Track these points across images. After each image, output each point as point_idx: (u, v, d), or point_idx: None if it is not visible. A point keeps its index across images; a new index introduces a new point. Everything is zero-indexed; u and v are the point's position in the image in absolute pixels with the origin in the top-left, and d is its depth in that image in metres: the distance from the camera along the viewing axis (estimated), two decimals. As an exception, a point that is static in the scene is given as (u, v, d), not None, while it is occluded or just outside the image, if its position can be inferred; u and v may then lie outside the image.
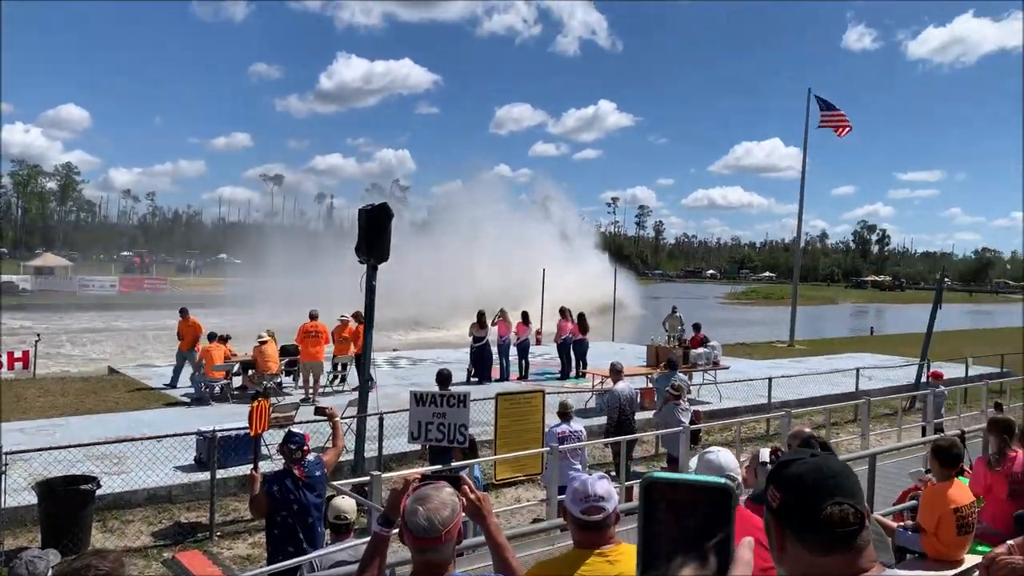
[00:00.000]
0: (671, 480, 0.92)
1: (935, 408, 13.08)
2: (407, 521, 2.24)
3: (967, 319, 51.79)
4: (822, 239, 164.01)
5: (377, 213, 9.31)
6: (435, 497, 2.26)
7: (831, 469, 1.42)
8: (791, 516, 1.41)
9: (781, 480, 1.46)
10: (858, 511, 1.37)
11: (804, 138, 31.68)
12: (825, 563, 1.37)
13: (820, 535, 1.37)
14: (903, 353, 23.61)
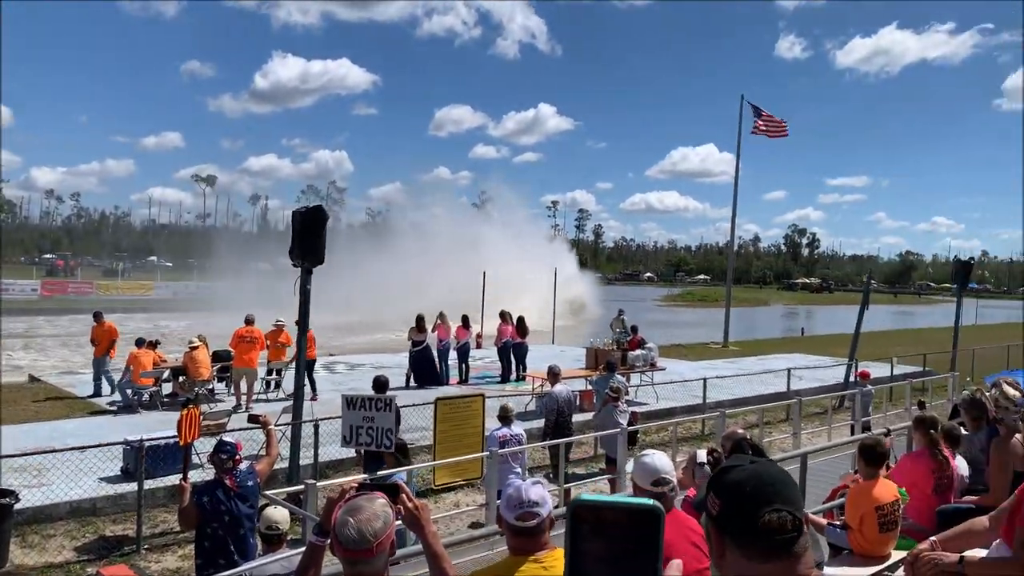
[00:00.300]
0: (598, 503, 0.91)
1: (863, 407, 13.52)
2: (337, 533, 2.18)
3: (892, 320, 53.77)
4: (755, 243, 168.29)
5: (311, 216, 9.15)
6: (367, 508, 2.20)
7: (770, 476, 1.42)
8: (730, 523, 1.40)
9: (721, 487, 1.45)
10: (796, 518, 1.38)
11: (737, 144, 32.47)
12: (764, 569, 1.37)
13: (759, 542, 1.37)
14: (833, 353, 24.34)
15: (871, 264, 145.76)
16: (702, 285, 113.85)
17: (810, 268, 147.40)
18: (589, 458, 12.43)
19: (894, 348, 25.96)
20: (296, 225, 9.37)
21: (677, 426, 12.59)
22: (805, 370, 20.01)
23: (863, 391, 13.65)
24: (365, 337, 30.76)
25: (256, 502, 5.53)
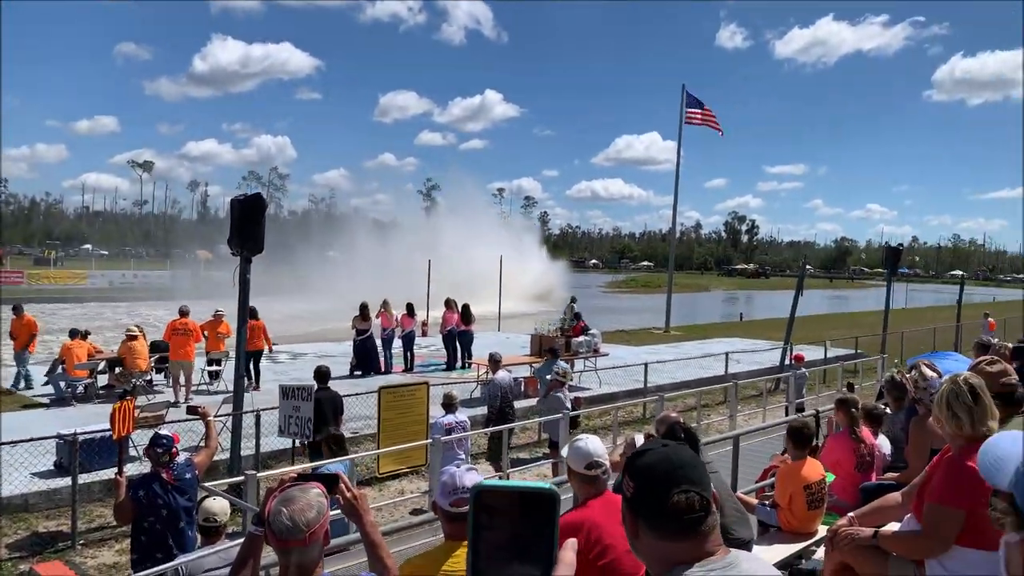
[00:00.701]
0: (498, 487, 0.96)
1: (796, 389, 13.97)
2: (271, 522, 2.20)
3: (827, 304, 55.41)
4: (696, 230, 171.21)
5: (250, 204, 9.02)
6: (300, 498, 2.22)
7: (680, 459, 1.50)
8: (643, 504, 1.48)
9: (633, 470, 1.53)
10: (704, 498, 1.46)
11: (679, 132, 32.94)
12: (674, 548, 1.46)
13: (668, 522, 1.44)
14: (769, 337, 25.00)
15: (808, 250, 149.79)
16: (645, 272, 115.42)
17: (749, 254, 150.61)
18: (533, 443, 12.58)
19: (829, 331, 26.77)
20: (234, 213, 9.22)
21: (618, 410, 12.81)
22: (743, 354, 20.54)
23: (797, 374, 14.10)
24: (319, 326, 30.41)
25: (195, 495, 5.47)
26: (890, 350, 20.67)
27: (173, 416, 10.62)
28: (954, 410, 2.85)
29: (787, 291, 19.40)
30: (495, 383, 10.73)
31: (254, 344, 14.81)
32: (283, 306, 29.25)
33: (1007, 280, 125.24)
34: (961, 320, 28.27)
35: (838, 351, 21.38)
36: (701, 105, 31.70)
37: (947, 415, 2.88)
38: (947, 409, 2.88)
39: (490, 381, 11.24)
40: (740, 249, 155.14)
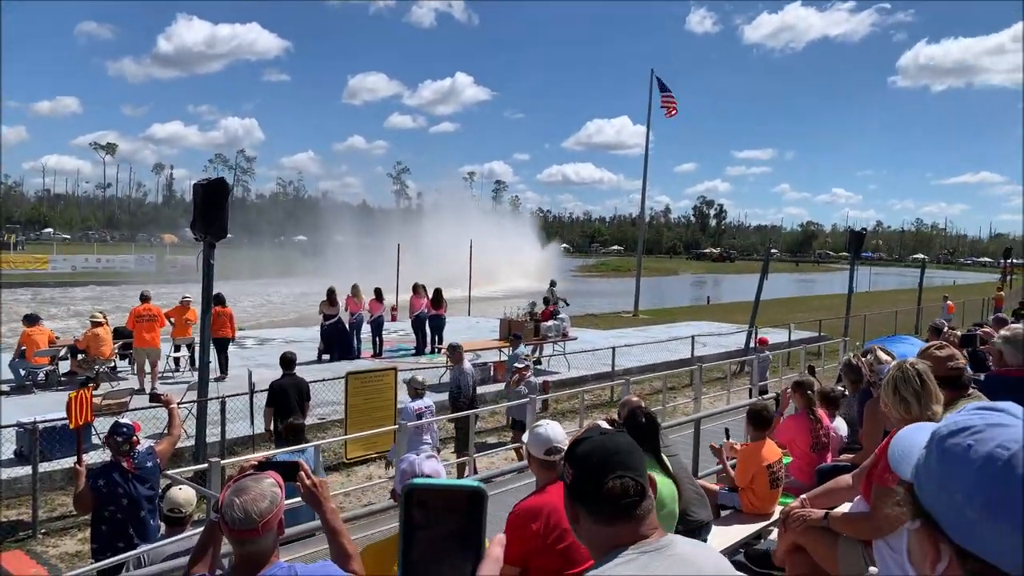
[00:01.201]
0: (428, 486, 0.98)
1: (760, 371, 14.18)
2: (223, 513, 2.20)
3: (793, 287, 56.12)
4: (666, 214, 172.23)
5: (213, 188, 8.90)
6: (253, 488, 2.23)
7: (615, 446, 1.55)
8: (581, 490, 1.53)
9: (572, 458, 1.58)
10: (639, 483, 1.51)
11: (647, 117, 33.11)
12: (610, 532, 1.50)
13: (604, 507, 1.49)
14: (736, 320, 25.28)
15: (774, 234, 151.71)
16: (616, 255, 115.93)
17: (717, 238, 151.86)
18: (501, 427, 12.62)
19: (793, 315, 27.18)
20: (198, 198, 9.09)
21: (586, 394, 12.90)
22: (709, 337, 20.77)
23: (761, 357, 14.31)
24: (301, 310, 30.25)
25: (157, 483, 5.43)
26: (853, 333, 21.03)
27: (137, 404, 10.50)
28: (901, 394, 2.93)
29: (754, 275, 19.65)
30: (465, 373, 10.50)
31: (221, 332, 14.63)
32: (274, 290, 29.18)
33: (967, 263, 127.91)
34: (922, 303, 28.87)
35: (802, 334, 21.72)
36: (666, 89, 31.86)
37: (894, 399, 2.96)
38: (894, 394, 2.95)
39: (459, 372, 10.91)
40: (708, 233, 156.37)
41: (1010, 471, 0.81)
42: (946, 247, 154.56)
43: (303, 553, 5.76)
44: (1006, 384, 3.56)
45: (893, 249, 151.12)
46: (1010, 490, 0.80)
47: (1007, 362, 3.86)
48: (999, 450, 0.83)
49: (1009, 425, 0.86)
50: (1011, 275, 46.41)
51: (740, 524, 5.18)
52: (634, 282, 33.89)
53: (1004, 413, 0.89)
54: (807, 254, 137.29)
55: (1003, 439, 0.84)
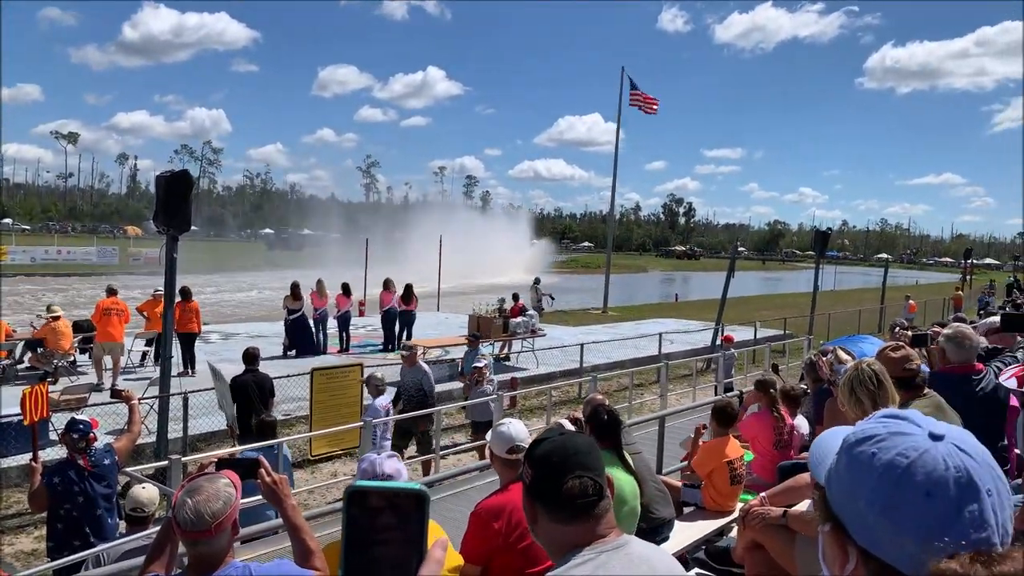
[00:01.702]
0: (370, 488, 0.97)
1: (725, 369, 14.32)
2: (175, 514, 2.17)
3: (760, 285, 56.84)
4: (636, 211, 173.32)
5: (176, 181, 8.74)
6: (207, 489, 2.19)
7: (574, 446, 1.56)
8: (539, 490, 1.54)
9: (532, 459, 1.58)
10: (597, 482, 1.52)
11: (618, 115, 33.29)
12: (568, 531, 1.51)
13: (563, 507, 1.50)
14: (703, 318, 25.50)
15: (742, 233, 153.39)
16: (586, 252, 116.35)
17: (686, 236, 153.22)
18: (460, 425, 12.57)
19: (760, 312, 27.52)
20: (160, 190, 8.93)
21: (553, 390, 12.93)
22: (676, 334, 20.93)
23: (726, 354, 14.46)
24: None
25: (114, 481, 5.33)
26: (817, 331, 21.34)
27: (97, 399, 10.32)
28: (857, 395, 2.97)
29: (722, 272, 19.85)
30: (427, 375, 10.08)
31: (187, 326, 14.43)
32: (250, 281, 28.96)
33: (929, 263, 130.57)
34: (885, 302, 29.40)
35: (768, 332, 21.99)
36: (636, 88, 32.05)
37: (850, 400, 3.00)
38: (850, 394, 3.00)
39: (422, 372, 10.28)
40: (678, 231, 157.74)
41: (908, 479, 0.86)
42: (909, 247, 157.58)
43: (266, 551, 5.70)
44: (948, 381, 3.63)
45: (858, 248, 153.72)
46: (907, 496, 0.85)
47: (950, 359, 3.94)
48: (899, 458, 0.88)
49: (910, 434, 0.90)
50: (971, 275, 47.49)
51: (702, 521, 5.23)
52: (604, 279, 34.04)
53: (907, 422, 0.93)
54: (774, 253, 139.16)
55: (903, 447, 0.88)
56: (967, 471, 0.86)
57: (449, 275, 33.19)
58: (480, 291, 29.29)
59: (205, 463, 2.74)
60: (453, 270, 33.70)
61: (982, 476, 0.86)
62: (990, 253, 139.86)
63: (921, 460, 0.87)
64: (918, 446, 0.88)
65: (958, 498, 0.84)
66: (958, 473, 0.85)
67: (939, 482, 0.85)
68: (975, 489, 0.85)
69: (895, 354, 3.36)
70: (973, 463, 0.87)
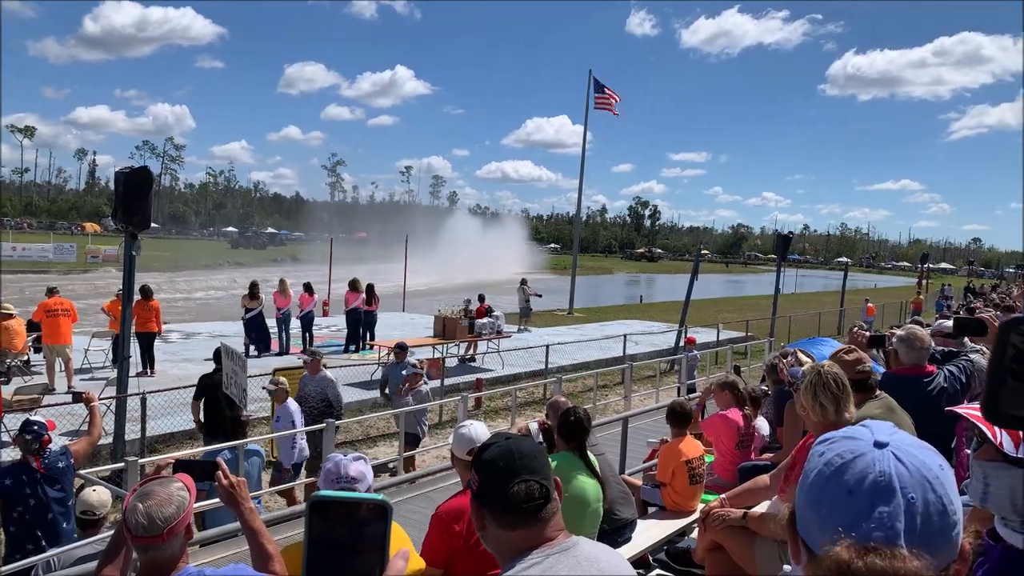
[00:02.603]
0: (332, 498, 0.97)
1: (688, 370, 14.47)
2: (126, 519, 2.12)
3: (723, 288, 57.49)
4: (602, 213, 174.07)
5: (136, 177, 8.59)
6: (158, 493, 2.15)
7: (520, 451, 1.56)
8: (486, 496, 1.54)
9: (478, 465, 1.59)
10: (543, 486, 1.53)
11: (585, 117, 33.50)
12: (515, 536, 1.52)
13: (509, 512, 1.51)
14: (667, 320, 25.74)
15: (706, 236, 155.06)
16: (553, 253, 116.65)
17: (652, 238, 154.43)
18: (435, 425, 12.55)
19: (722, 314, 27.85)
20: (120, 187, 8.77)
21: (518, 391, 12.94)
22: (641, 335, 21.09)
23: (689, 356, 14.61)
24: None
25: (69, 484, 5.21)
26: (778, 333, 21.66)
27: (53, 400, 10.08)
28: (819, 399, 3.01)
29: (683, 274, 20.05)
30: (333, 383, 9.42)
31: (147, 326, 14.16)
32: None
33: (888, 267, 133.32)
34: (844, 305, 29.94)
35: (730, 334, 22.27)
36: (603, 89, 32.25)
37: (812, 403, 3.04)
38: (813, 398, 3.04)
39: (328, 381, 9.49)
40: (643, 233, 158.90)
41: (837, 477, 0.94)
42: (869, 251, 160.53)
43: (225, 554, 5.63)
44: (899, 382, 3.70)
45: (819, 252, 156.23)
46: (832, 492, 0.94)
47: (902, 361, 4.03)
48: (836, 459, 0.96)
49: (858, 439, 0.98)
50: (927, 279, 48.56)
51: (664, 521, 5.27)
52: (569, 280, 34.16)
53: (865, 429, 1.01)
54: (737, 255, 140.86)
55: (844, 450, 0.97)
56: (890, 477, 0.92)
57: (449, 272, 33.57)
58: (472, 288, 29.20)
59: (163, 464, 2.70)
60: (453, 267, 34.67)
61: (908, 484, 0.92)
62: (946, 258, 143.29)
63: (854, 462, 0.94)
64: (857, 450, 0.96)
65: (873, 499, 0.91)
66: (881, 477, 0.92)
67: (861, 483, 0.92)
68: (892, 493, 0.91)
69: (848, 356, 3.43)
70: (903, 471, 0.93)
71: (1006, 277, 61.43)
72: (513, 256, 66.07)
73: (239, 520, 2.61)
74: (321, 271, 27.13)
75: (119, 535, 2.56)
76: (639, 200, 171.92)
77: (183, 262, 48.15)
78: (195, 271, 44.94)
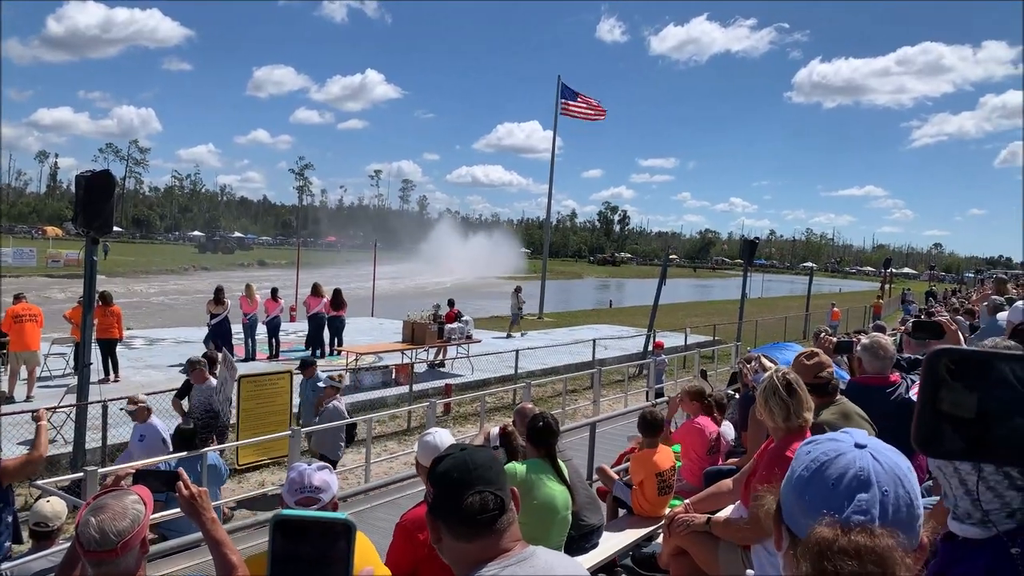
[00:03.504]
0: (296, 517, 0.97)
1: (656, 375, 14.57)
2: (79, 533, 2.07)
3: (691, 292, 58.04)
4: (572, 218, 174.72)
5: (97, 181, 8.44)
6: (112, 506, 2.10)
7: (474, 462, 1.55)
8: (441, 508, 1.52)
9: (432, 477, 1.57)
10: (498, 497, 1.51)
11: (554, 123, 33.65)
12: (471, 548, 1.51)
13: (464, 523, 1.50)
14: (637, 324, 25.88)
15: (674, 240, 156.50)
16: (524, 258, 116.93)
17: (621, 243, 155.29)
18: (403, 431, 12.48)
19: (690, 319, 28.07)
20: (80, 191, 8.61)
21: (487, 397, 12.93)
22: (610, 340, 21.19)
23: (657, 360, 14.71)
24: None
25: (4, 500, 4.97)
26: (745, 337, 21.89)
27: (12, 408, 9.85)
28: (770, 404, 3.05)
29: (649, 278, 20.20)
30: (198, 398, 8.97)
31: (108, 332, 13.91)
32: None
33: (852, 272, 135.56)
34: (810, 309, 30.36)
35: (698, 338, 22.44)
36: (576, 96, 32.41)
37: (765, 408, 3.08)
38: (765, 403, 3.08)
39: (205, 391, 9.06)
40: (612, 238, 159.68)
41: (822, 471, 1.09)
42: (833, 256, 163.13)
43: (187, 565, 5.53)
44: (863, 391, 3.75)
45: (785, 257, 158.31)
46: (818, 484, 1.08)
47: (866, 369, 4.09)
48: (822, 456, 1.11)
49: (841, 441, 1.13)
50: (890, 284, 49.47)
51: (631, 528, 5.29)
52: (539, 285, 34.23)
53: (846, 434, 1.15)
54: (705, 260, 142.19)
55: (828, 448, 1.12)
56: (869, 472, 1.07)
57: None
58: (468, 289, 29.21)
59: (122, 474, 2.64)
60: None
61: (883, 479, 1.07)
62: (908, 263, 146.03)
63: (837, 459, 1.09)
64: (840, 450, 1.11)
65: (855, 489, 1.06)
66: (861, 473, 1.07)
67: (843, 476, 1.07)
68: (869, 485, 1.06)
69: (809, 361, 3.47)
70: (879, 468, 1.08)
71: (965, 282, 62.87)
72: (503, 262, 71.46)
73: (201, 531, 2.57)
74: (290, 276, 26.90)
75: (74, 549, 2.50)
76: (609, 205, 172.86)
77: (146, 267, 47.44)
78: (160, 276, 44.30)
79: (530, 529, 3.86)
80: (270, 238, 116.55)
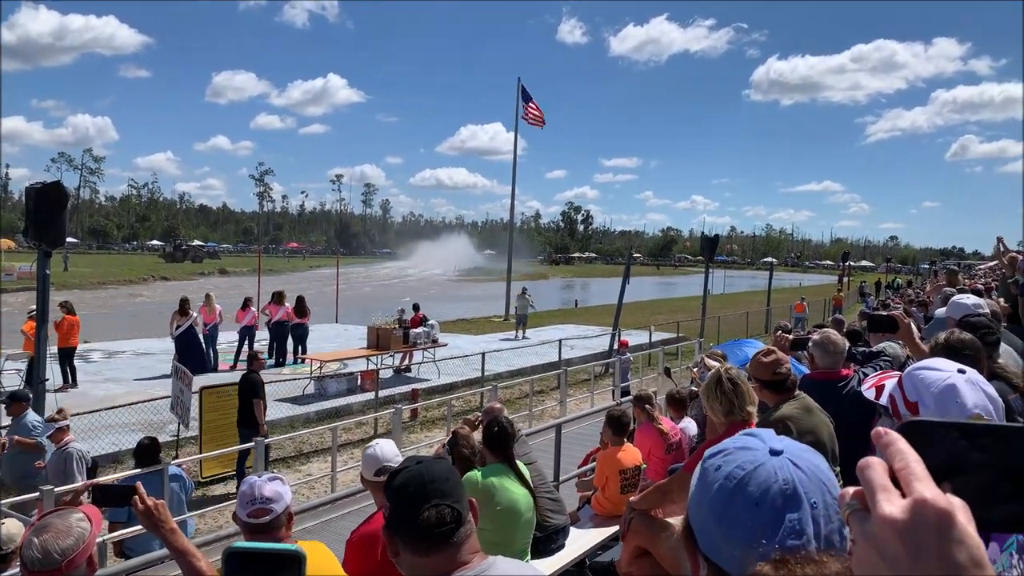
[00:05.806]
0: (248, 549, 0.98)
1: (622, 373, 14.67)
2: (22, 554, 2.05)
3: (655, 290, 58.51)
4: (536, 219, 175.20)
5: (48, 193, 8.26)
6: (56, 525, 2.08)
7: (431, 475, 1.54)
8: (398, 523, 1.52)
9: (389, 492, 1.57)
10: (455, 510, 1.51)
11: (515, 124, 33.65)
12: (429, 562, 1.50)
13: (420, 537, 1.49)
14: (602, 323, 26.02)
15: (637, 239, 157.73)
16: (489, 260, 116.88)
17: (585, 243, 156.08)
18: (369, 438, 12.38)
19: (654, 316, 28.30)
20: (31, 203, 8.42)
21: (454, 400, 12.91)
22: (576, 340, 21.28)
23: (622, 359, 14.81)
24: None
25: None
26: (708, 334, 22.14)
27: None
28: (711, 400, 3.11)
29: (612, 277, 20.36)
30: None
31: (68, 341, 13.79)
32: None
33: (811, 266, 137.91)
34: (771, 304, 30.81)
35: (662, 335, 22.64)
36: (530, 100, 32.61)
37: (707, 404, 3.15)
38: (707, 399, 3.15)
39: None
40: (576, 238, 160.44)
41: (741, 489, 0.94)
42: (793, 251, 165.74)
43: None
44: (816, 386, 3.82)
45: (746, 253, 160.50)
46: (738, 505, 0.93)
47: (818, 365, 4.17)
48: (737, 470, 0.95)
49: (753, 449, 0.98)
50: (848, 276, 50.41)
51: (596, 528, 5.32)
52: (505, 286, 34.24)
53: (755, 438, 1.01)
54: (667, 258, 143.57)
55: (742, 461, 0.96)
56: (794, 484, 0.93)
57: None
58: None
59: (80, 491, 2.60)
60: None
61: (809, 489, 0.93)
62: (865, 255, 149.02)
63: (755, 473, 0.94)
64: (755, 460, 0.96)
65: (782, 508, 0.92)
66: (785, 485, 0.93)
67: (767, 493, 0.93)
68: (799, 500, 0.92)
69: (766, 359, 3.53)
70: (803, 476, 0.94)
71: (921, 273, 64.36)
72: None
73: (164, 543, 2.54)
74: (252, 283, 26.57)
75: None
76: (572, 205, 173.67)
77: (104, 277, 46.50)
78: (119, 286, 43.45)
79: (494, 534, 3.87)
80: (231, 245, 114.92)
